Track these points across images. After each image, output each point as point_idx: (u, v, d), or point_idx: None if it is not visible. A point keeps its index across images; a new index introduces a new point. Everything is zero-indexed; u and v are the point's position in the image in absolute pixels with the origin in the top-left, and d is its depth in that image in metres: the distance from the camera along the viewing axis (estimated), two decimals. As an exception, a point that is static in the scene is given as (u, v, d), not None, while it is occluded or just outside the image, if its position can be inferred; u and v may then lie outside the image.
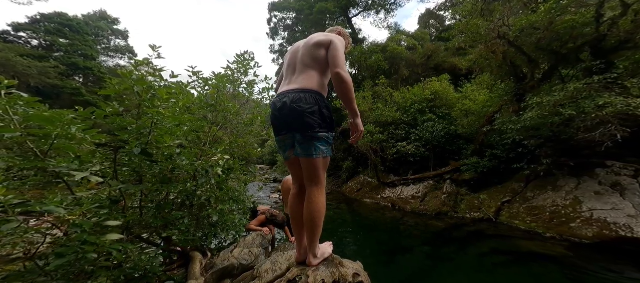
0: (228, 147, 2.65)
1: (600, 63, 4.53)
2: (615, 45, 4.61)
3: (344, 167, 11.02)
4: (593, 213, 4.39)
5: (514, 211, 5.45)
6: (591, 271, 3.27)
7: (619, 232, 3.94)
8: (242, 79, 2.77)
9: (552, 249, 4.02)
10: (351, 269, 1.51)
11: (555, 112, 4.56)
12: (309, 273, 1.27)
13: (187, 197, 1.78)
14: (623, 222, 4.01)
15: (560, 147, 5.09)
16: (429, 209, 6.77)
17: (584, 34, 4.87)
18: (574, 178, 5.09)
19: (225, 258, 1.77)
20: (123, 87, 1.34)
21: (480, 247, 4.37)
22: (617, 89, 4.16)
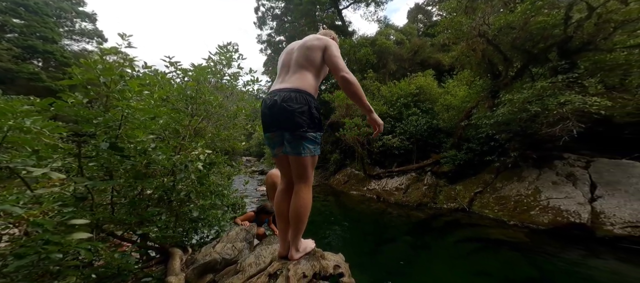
0: (210, 141, 2.53)
1: (564, 63, 4.91)
2: (579, 47, 5.00)
3: (332, 160, 11.17)
4: (549, 201, 4.87)
5: (485, 201, 5.90)
6: (545, 255, 3.66)
7: (569, 218, 4.41)
8: (225, 70, 2.65)
9: (514, 236, 4.43)
10: (332, 261, 1.55)
11: (523, 108, 4.92)
12: (290, 267, 1.28)
13: (165, 193, 1.72)
14: (573, 209, 4.49)
15: (526, 140, 5.54)
16: (411, 200, 7.10)
17: (553, 34, 5.22)
18: (536, 170, 5.59)
19: (207, 253, 1.75)
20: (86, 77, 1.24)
21: (455, 235, 4.70)
22: (577, 87, 4.57)
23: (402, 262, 3.62)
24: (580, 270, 3.22)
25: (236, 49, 2.58)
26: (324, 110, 12.53)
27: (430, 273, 3.29)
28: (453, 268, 3.49)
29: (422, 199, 6.94)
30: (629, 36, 4.49)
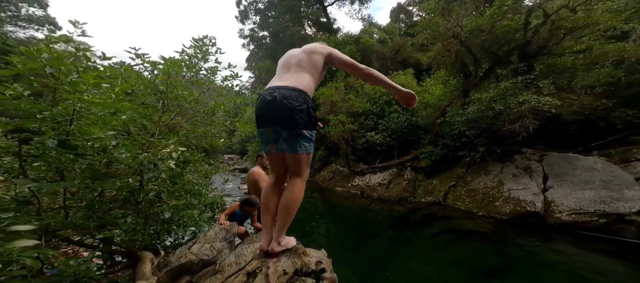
0: (184, 138, 2.41)
1: (523, 65, 5.43)
2: (536, 51, 5.56)
3: (317, 156, 11.23)
4: (510, 192, 5.39)
5: (457, 194, 6.37)
6: (508, 243, 4.07)
7: (526, 207, 4.92)
8: (201, 65, 2.51)
9: (482, 226, 4.84)
10: (314, 257, 1.56)
11: (489, 106, 5.38)
12: (270, 264, 1.27)
13: (131, 194, 1.61)
14: (529, 199, 5.02)
15: (492, 137, 6.07)
16: (392, 195, 7.42)
17: (515, 38, 5.73)
18: (500, 164, 6.15)
19: (182, 255, 1.68)
20: (29, 67, 1.11)
21: (432, 228, 5.00)
22: (533, 88, 5.09)
23: (384, 256, 3.77)
24: (535, 255, 3.63)
25: (213, 42, 2.45)
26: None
27: (409, 266, 3.48)
28: (430, 260, 3.71)
29: (403, 194, 7.29)
30: (575, 42, 5.10)
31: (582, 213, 4.34)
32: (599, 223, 4.16)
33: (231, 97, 2.91)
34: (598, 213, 4.22)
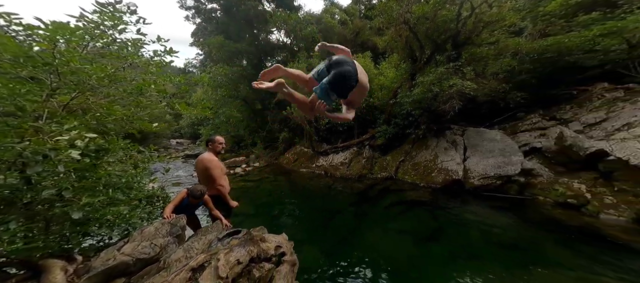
0: (94, 122, 1.99)
1: (454, 53, 6.51)
2: (463, 41, 6.67)
3: (281, 138, 11.29)
4: (442, 163, 6.52)
5: (405, 168, 7.33)
6: (440, 208, 4.93)
7: (452, 176, 6.04)
8: (115, 35, 2.07)
9: (423, 196, 5.71)
10: (273, 242, 1.58)
11: (429, 89, 6.34)
12: (221, 256, 1.22)
13: (13, 194, 1.31)
14: (454, 168, 6.18)
15: (431, 115, 7.21)
16: (353, 173, 8.03)
17: (450, 28, 6.70)
18: (436, 139, 7.33)
19: (110, 257, 1.50)
20: None
21: (385, 201, 5.60)
22: (460, 73, 6.24)
23: (347, 231, 4.06)
24: (458, 216, 4.55)
25: (132, 9, 2.04)
26: None
27: (368, 238, 3.85)
28: (383, 231, 4.15)
29: (362, 171, 8.01)
30: (489, 35, 6.36)
31: (486, 177, 5.62)
32: (496, 185, 5.47)
33: (167, 75, 2.48)
34: (496, 176, 5.52)
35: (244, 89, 12.00)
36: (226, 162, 10.84)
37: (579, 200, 4.52)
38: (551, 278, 2.49)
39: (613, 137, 4.90)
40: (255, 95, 12.38)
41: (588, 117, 5.59)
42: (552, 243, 3.27)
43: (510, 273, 2.58)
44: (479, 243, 3.48)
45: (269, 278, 1.41)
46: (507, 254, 3.06)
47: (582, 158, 4.99)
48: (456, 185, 5.98)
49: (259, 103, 12.58)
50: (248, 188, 7.49)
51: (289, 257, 1.59)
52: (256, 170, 9.81)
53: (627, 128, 4.86)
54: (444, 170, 6.43)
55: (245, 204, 5.68)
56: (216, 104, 12.50)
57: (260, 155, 11.43)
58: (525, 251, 3.11)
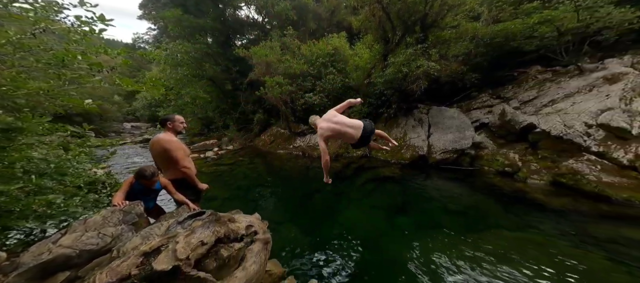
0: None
1: (422, 35, 6.98)
2: (430, 23, 7.16)
3: (255, 120, 10.98)
4: (410, 140, 7.17)
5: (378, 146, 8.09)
6: (408, 182, 5.46)
7: (418, 152, 6.71)
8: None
9: (394, 172, 6.21)
10: (244, 222, 1.48)
11: (399, 70, 6.80)
12: (180, 239, 1.11)
13: None
14: (420, 144, 6.86)
15: (401, 95, 7.78)
16: (330, 153, 8.40)
17: (419, 10, 7.09)
18: (405, 117, 7.98)
19: (43, 251, 1.32)
20: None
21: (361, 178, 5.95)
22: (427, 55, 6.77)
23: (325, 209, 4.24)
24: (422, 189, 5.08)
25: None
26: (240, 68, 11.50)
27: (345, 215, 4.08)
28: (360, 206, 4.46)
29: (338, 150, 8.37)
30: (453, 19, 6.94)
31: (446, 152, 6.39)
32: (453, 158, 6.27)
33: (101, 47, 2.17)
34: (453, 150, 6.32)
35: (210, 68, 11.11)
36: (195, 145, 10.24)
37: (513, 168, 5.54)
38: (494, 238, 3.02)
39: (540, 112, 6.00)
40: (224, 75, 11.59)
41: (524, 96, 6.68)
42: (493, 208, 3.93)
43: (463, 237, 3.08)
44: (438, 212, 4.00)
45: (240, 258, 1.33)
46: (461, 221, 3.59)
47: (517, 131, 6.05)
48: (421, 161, 6.69)
49: (229, 83, 11.85)
50: (222, 172, 7.30)
51: (261, 236, 1.50)
52: (230, 153, 9.52)
53: (551, 104, 5.98)
54: (411, 146, 7.10)
55: (219, 188, 5.60)
56: (177, 83, 11.40)
57: (234, 138, 11.05)
58: (475, 217, 3.69)
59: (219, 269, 1.20)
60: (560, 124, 5.38)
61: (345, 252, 2.93)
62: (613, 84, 5.45)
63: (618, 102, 4.91)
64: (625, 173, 4.03)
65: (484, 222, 3.51)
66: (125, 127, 17.36)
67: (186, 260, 1.04)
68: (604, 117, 4.83)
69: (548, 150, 5.36)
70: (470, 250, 2.80)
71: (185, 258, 1.04)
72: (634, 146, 4.07)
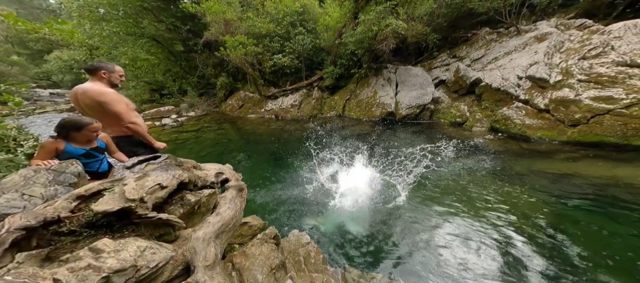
0: None
1: (392, -9, 7.00)
2: (401, -20, 7.19)
3: (219, 84, 10.03)
4: (380, 98, 7.58)
5: (351, 105, 8.12)
6: (378, 137, 5.82)
7: (387, 109, 7.20)
8: None
9: (366, 128, 6.60)
10: (212, 170, 1.36)
11: (369, 28, 6.85)
12: (128, 181, 0.93)
13: None
14: (388, 102, 7.34)
15: (372, 55, 7.96)
16: (304, 114, 8.33)
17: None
18: (375, 77, 8.38)
19: None
20: None
21: (335, 136, 6.16)
22: (395, 14, 6.92)
23: (302, 166, 4.29)
24: (391, 141, 5.53)
25: None
26: (192, 26, 9.97)
27: (323, 171, 4.03)
28: (338, 157, 4.47)
29: (312, 112, 8.40)
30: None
31: (410, 107, 7.01)
32: (417, 113, 6.95)
33: None
34: (416, 106, 6.95)
35: (150, 25, 9.33)
36: (147, 113, 8.95)
37: (463, 119, 6.50)
38: (438, 179, 3.57)
39: (486, 68, 6.94)
40: (171, 34, 9.91)
41: (474, 54, 7.56)
42: (448, 153, 4.54)
43: (422, 177, 3.57)
44: (404, 160, 4.26)
45: (212, 205, 1.22)
46: (422, 164, 3.93)
47: (467, 86, 6.96)
48: (390, 117, 7.26)
49: (179, 44, 10.26)
50: (186, 140, 6.70)
51: (234, 182, 1.39)
52: (193, 120, 8.66)
53: (495, 61, 6.94)
54: (381, 104, 7.59)
55: (185, 155, 5.03)
56: (105, 42, 9.43)
57: (196, 104, 10.03)
58: (434, 161, 4.08)
59: (189, 216, 1.10)
60: (499, 78, 6.36)
61: (322, 206, 3.06)
62: (541, 43, 6.53)
63: (543, 57, 5.96)
64: (542, 116, 5.12)
65: (439, 164, 4.04)
66: (42, 95, 13.95)
67: (140, 201, 0.89)
68: (531, 70, 5.86)
69: (489, 100, 6.39)
70: (421, 190, 3.30)
71: (139, 199, 0.89)
72: (550, 92, 5.14)
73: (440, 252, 2.24)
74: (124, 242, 0.79)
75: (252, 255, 1.33)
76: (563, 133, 4.56)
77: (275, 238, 1.59)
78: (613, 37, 4.83)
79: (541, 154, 4.15)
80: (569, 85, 4.90)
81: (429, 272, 2.04)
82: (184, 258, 0.94)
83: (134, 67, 9.78)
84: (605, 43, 4.88)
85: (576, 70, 4.97)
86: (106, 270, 0.69)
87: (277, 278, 1.30)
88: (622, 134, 3.86)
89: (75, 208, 0.86)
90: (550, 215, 2.59)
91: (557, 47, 5.87)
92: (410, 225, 2.61)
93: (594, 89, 4.50)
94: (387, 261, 2.18)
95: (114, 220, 0.87)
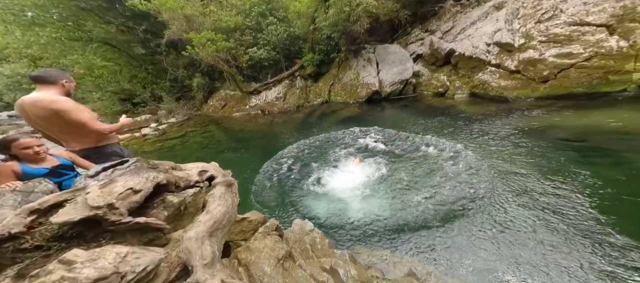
0: None
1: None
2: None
3: (195, 85, 8.80)
4: (363, 79, 7.38)
5: (336, 90, 7.82)
6: (366, 117, 5.71)
7: (371, 88, 7.04)
8: None
9: (352, 110, 6.44)
10: (194, 169, 1.26)
11: (341, 9, 6.36)
12: (91, 189, 0.83)
13: None
14: (372, 82, 7.16)
15: (348, 37, 7.52)
16: (291, 105, 7.82)
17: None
18: (355, 59, 8.03)
19: None
20: None
21: (324, 123, 5.93)
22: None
23: (297, 157, 4.06)
24: (380, 119, 5.47)
25: None
26: (148, 26, 8.38)
27: (319, 155, 4.03)
28: (330, 151, 4.26)
29: (298, 102, 7.91)
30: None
31: (393, 84, 6.93)
32: (400, 89, 6.90)
33: None
34: (399, 81, 6.88)
35: (97, 27, 7.65)
36: None
37: (444, 88, 6.58)
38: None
39: (456, 39, 7.01)
40: (125, 35, 8.26)
41: (444, 27, 7.60)
42: (436, 123, 4.54)
43: (414, 152, 3.51)
44: (394, 137, 4.27)
45: (201, 204, 1.15)
46: (409, 140, 3.98)
47: (443, 57, 7.02)
48: (375, 96, 7.14)
49: (138, 46, 8.63)
50: (172, 147, 5.96)
51: (221, 179, 1.29)
52: (175, 126, 7.68)
53: (463, 31, 7.02)
54: (365, 85, 7.40)
55: (173, 162, 4.50)
56: (46, 50, 7.58)
57: (175, 109, 8.79)
58: (424, 132, 4.17)
59: (176, 218, 1.04)
60: (470, 46, 6.48)
61: (320, 195, 2.88)
62: (499, 11, 6.71)
63: (504, 24, 6.14)
64: (514, 77, 5.35)
65: (431, 133, 4.04)
66: (0, 118, 11.42)
67: (109, 207, 0.81)
68: (496, 36, 6.02)
69: (465, 68, 6.53)
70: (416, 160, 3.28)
71: (106, 206, 0.81)
72: (517, 55, 5.34)
73: (439, 219, 2.18)
74: (100, 251, 0.74)
75: (257, 249, 1.29)
76: (536, 89, 4.81)
77: (277, 229, 1.50)
78: (559, 1, 5.05)
79: (520, 111, 4.34)
80: (532, 46, 5.11)
81: (431, 240, 1.99)
82: (179, 260, 0.90)
83: (92, 76, 8.04)
84: (554, 7, 5.10)
85: (535, 32, 5.18)
86: (83, 280, 0.64)
87: (286, 268, 1.26)
88: (588, 84, 4.15)
89: (34, 223, 0.77)
90: (535, 167, 2.66)
91: (514, 14, 6.05)
92: (408, 199, 2.51)
93: (555, 48, 4.74)
94: (391, 237, 2.09)
95: (84, 230, 0.81)
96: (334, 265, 1.40)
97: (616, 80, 3.98)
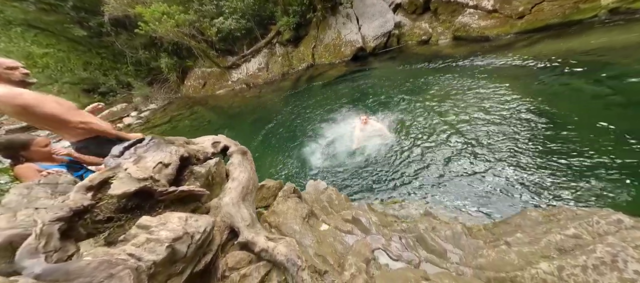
0: None
1: None
2: None
3: (164, 67, 7.51)
4: (346, 37, 6.70)
5: (320, 52, 7.10)
6: (355, 75, 5.35)
7: (355, 45, 6.47)
8: None
9: (340, 69, 5.99)
10: (207, 141, 1.25)
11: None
12: (128, 165, 0.81)
13: None
14: (355, 38, 6.55)
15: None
16: (276, 74, 7.11)
17: None
18: (334, 17, 7.07)
19: None
20: None
21: (314, 86, 5.55)
22: None
23: (291, 125, 3.87)
24: (369, 75, 5.15)
25: None
26: (77, 2, 6.49)
27: (311, 119, 3.87)
28: (322, 106, 4.28)
29: (282, 69, 7.17)
30: None
31: (377, 38, 6.38)
32: (384, 42, 6.37)
33: None
34: (382, 34, 6.32)
35: (6, 6, 5.81)
36: (100, 117, 6.59)
37: (428, 36, 6.13)
38: (428, 88, 3.47)
39: (435, -19, 6.28)
40: (51, 15, 6.44)
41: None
42: (424, 71, 4.36)
43: (410, 101, 3.37)
44: (387, 89, 4.18)
45: (224, 174, 1.15)
46: (404, 89, 3.87)
47: (422, 4, 6.40)
48: (361, 52, 6.63)
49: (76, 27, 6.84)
50: (162, 134, 5.32)
51: (235, 148, 1.28)
52: (158, 113, 6.83)
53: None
54: (348, 43, 6.75)
55: None
56: None
57: (151, 95, 7.66)
58: (413, 83, 4.00)
59: (207, 189, 1.00)
60: (449, -11, 5.86)
61: (323, 156, 2.82)
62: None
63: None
64: (492, 16, 5.05)
65: (421, 83, 3.90)
66: None
67: (152, 179, 0.79)
68: (473, -25, 5.42)
69: (445, 13, 6.05)
70: (416, 100, 3.23)
71: (149, 178, 0.79)
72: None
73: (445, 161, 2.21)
74: (164, 216, 0.75)
75: (281, 212, 1.30)
76: (514, 26, 4.64)
77: (295, 192, 1.52)
78: None
79: (503, 48, 4.26)
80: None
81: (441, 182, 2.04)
82: (225, 224, 0.94)
83: (35, 67, 6.49)
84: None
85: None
86: (165, 240, 0.66)
87: (311, 225, 1.28)
88: (562, 14, 4.03)
89: (94, 198, 0.75)
90: (529, 94, 2.67)
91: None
92: (411, 146, 2.52)
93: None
94: (404, 185, 2.12)
95: (141, 202, 0.79)
96: (355, 214, 1.41)
97: (587, 8, 3.91)
